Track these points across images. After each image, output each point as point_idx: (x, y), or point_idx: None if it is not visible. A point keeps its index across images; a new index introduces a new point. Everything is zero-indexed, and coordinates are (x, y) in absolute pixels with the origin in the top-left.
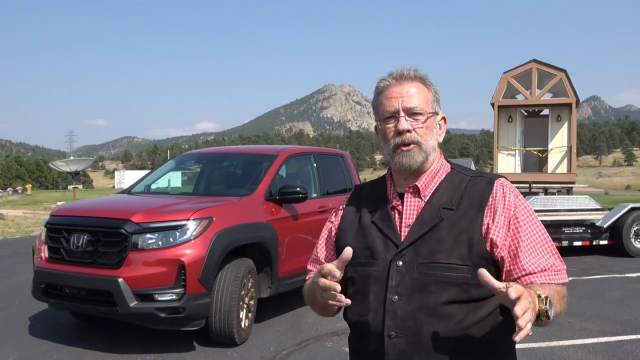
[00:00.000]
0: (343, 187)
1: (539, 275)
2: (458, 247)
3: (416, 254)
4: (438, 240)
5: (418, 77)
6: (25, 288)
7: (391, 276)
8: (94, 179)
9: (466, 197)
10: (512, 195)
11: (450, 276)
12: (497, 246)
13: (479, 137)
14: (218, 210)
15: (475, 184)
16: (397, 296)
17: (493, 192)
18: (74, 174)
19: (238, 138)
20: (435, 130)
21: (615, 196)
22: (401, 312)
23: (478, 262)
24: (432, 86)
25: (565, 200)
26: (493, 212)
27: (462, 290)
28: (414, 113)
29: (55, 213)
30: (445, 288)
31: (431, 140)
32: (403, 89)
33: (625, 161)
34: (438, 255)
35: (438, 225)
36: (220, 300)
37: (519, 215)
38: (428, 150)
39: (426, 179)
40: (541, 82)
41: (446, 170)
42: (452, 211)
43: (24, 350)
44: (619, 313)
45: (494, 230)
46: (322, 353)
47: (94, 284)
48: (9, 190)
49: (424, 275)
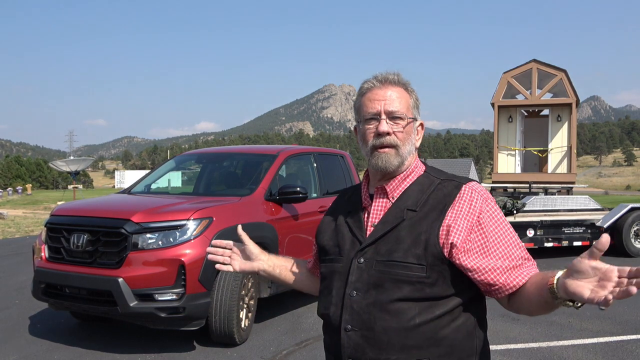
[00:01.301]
0: (343, 187)
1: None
2: (415, 247)
3: (376, 252)
4: (397, 240)
5: (401, 82)
6: (25, 288)
7: (352, 272)
8: (94, 179)
9: (431, 199)
10: (480, 199)
11: (404, 274)
12: (455, 248)
13: (479, 137)
14: (218, 210)
15: (443, 187)
16: (355, 291)
17: (458, 196)
18: (74, 174)
19: (238, 138)
20: (413, 136)
21: (615, 196)
22: (357, 307)
23: (432, 261)
24: (414, 92)
25: (565, 200)
26: (456, 215)
27: (416, 289)
28: (395, 117)
29: (56, 213)
30: (399, 286)
31: (409, 145)
32: (386, 93)
33: (625, 161)
34: (395, 254)
35: (399, 226)
36: (220, 300)
37: (483, 220)
38: (404, 155)
39: (396, 181)
40: (541, 82)
41: (419, 172)
42: (415, 212)
43: (24, 350)
44: (619, 313)
45: (454, 233)
46: (322, 353)
47: (94, 284)
48: (9, 190)
49: (380, 273)
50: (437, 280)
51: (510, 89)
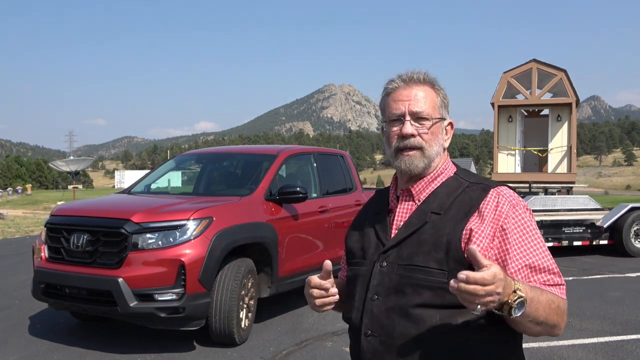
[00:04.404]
0: (343, 187)
1: (523, 270)
2: (436, 251)
3: (399, 255)
4: (419, 243)
5: (427, 80)
6: (25, 288)
7: (374, 276)
8: (94, 179)
9: (457, 202)
10: (507, 205)
11: (424, 279)
12: None
13: (479, 137)
14: (218, 210)
15: (471, 191)
16: (376, 295)
17: (485, 200)
18: (74, 174)
19: (238, 138)
20: (441, 136)
21: (615, 196)
22: (377, 311)
23: (454, 267)
24: (442, 91)
25: (565, 200)
26: (480, 219)
27: (437, 295)
28: (420, 118)
29: (55, 213)
30: (419, 291)
31: (435, 146)
32: (411, 93)
33: (625, 161)
34: (416, 258)
35: (421, 229)
36: (220, 300)
37: (508, 226)
38: (431, 156)
39: (422, 183)
40: (541, 82)
41: (448, 174)
42: (439, 215)
43: (24, 350)
44: (619, 313)
45: (475, 238)
46: (322, 353)
47: (94, 284)
48: (9, 190)
49: (401, 277)
50: None
51: (510, 88)
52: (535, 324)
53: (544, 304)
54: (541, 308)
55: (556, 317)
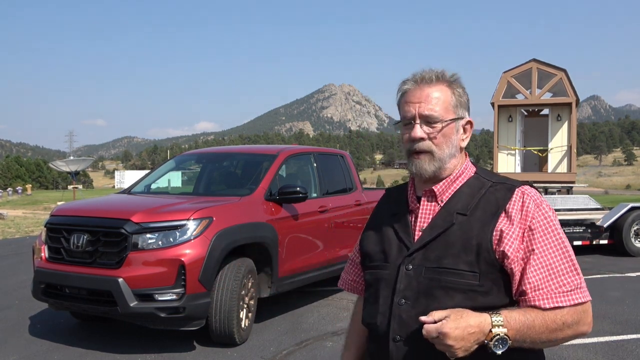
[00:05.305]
0: (343, 187)
1: (530, 295)
2: (466, 253)
3: (425, 258)
4: (446, 245)
5: (441, 79)
6: (25, 288)
7: (400, 279)
8: (94, 179)
9: (483, 203)
10: (532, 204)
11: (455, 282)
12: (507, 257)
13: (479, 137)
14: (218, 210)
15: (495, 191)
16: (404, 300)
17: (512, 200)
18: (74, 174)
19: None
20: (456, 137)
21: (615, 195)
22: (406, 316)
23: (486, 269)
24: (458, 89)
25: (565, 200)
26: (508, 220)
27: (468, 297)
28: (431, 120)
29: (55, 213)
30: (450, 294)
31: (447, 149)
32: (422, 94)
33: (625, 160)
34: (445, 260)
35: (448, 230)
36: (220, 300)
37: (535, 226)
38: (443, 159)
39: (445, 183)
40: (541, 82)
41: (469, 174)
42: (465, 217)
43: (24, 350)
44: (619, 313)
45: (507, 240)
46: (322, 353)
47: (94, 284)
48: (9, 190)
49: (430, 280)
50: (491, 289)
51: (510, 88)
52: (542, 344)
53: (540, 328)
54: (535, 333)
55: (564, 332)
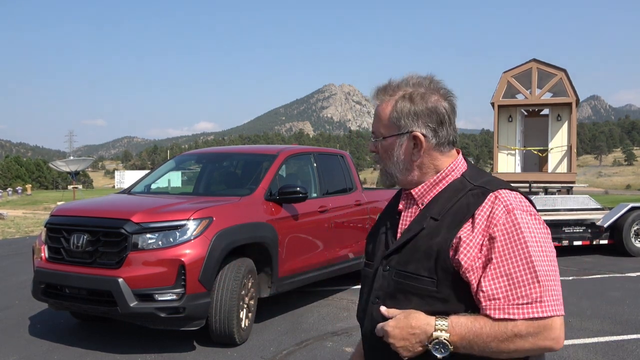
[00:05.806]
0: (343, 187)
1: (484, 304)
2: (427, 259)
3: (398, 261)
4: (413, 250)
5: (383, 91)
6: (25, 288)
7: (377, 279)
8: (94, 179)
9: (455, 208)
10: (502, 210)
11: (414, 286)
12: (461, 266)
13: (479, 137)
14: (218, 210)
15: (471, 195)
16: (377, 299)
17: (482, 206)
18: (74, 174)
19: (238, 138)
20: (400, 152)
21: (615, 195)
22: (375, 315)
23: (443, 276)
24: (404, 99)
25: (565, 200)
26: (472, 227)
27: (425, 302)
28: (374, 137)
29: (55, 213)
30: (408, 298)
31: (393, 164)
32: (374, 108)
33: (625, 161)
34: (410, 265)
35: (418, 235)
36: (220, 300)
37: (496, 234)
38: (392, 174)
39: (424, 186)
40: (541, 82)
41: (455, 176)
42: (436, 222)
43: (24, 350)
44: (619, 313)
45: (462, 248)
46: (322, 353)
47: (94, 284)
48: (9, 190)
49: (396, 283)
50: (449, 297)
51: (510, 88)
52: (494, 353)
53: (488, 337)
54: (482, 342)
55: (516, 343)
